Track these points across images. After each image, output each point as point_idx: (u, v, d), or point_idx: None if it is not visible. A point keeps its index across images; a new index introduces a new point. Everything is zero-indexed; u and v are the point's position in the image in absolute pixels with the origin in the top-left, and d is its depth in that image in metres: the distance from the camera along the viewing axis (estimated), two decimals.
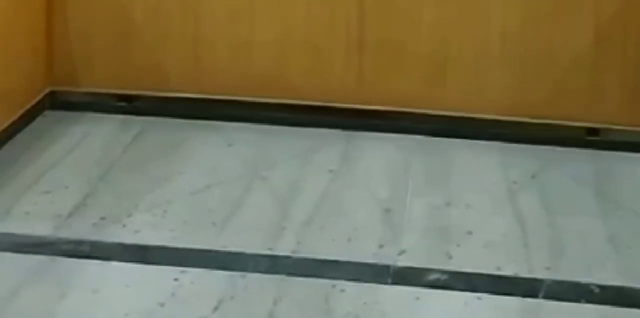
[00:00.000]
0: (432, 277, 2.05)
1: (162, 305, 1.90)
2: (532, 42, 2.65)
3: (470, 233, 2.24)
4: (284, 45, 2.74)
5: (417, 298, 1.98)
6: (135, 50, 2.80)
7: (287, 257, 2.09)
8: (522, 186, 2.50)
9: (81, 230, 2.17)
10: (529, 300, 1.99)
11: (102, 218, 2.22)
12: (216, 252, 2.11)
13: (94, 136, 2.71)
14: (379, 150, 2.66)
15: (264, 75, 2.77)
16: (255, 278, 2.01)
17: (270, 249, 2.12)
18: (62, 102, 2.86)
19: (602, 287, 2.03)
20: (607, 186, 2.51)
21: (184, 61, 2.80)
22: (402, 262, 2.10)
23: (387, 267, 2.08)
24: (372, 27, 2.69)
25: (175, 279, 1.99)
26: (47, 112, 2.84)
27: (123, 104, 2.86)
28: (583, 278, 2.05)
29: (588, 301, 1.99)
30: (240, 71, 2.78)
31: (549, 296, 2.01)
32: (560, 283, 2.04)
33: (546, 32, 2.64)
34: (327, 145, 2.67)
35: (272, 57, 2.75)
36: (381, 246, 2.16)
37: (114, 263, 2.05)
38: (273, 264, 2.07)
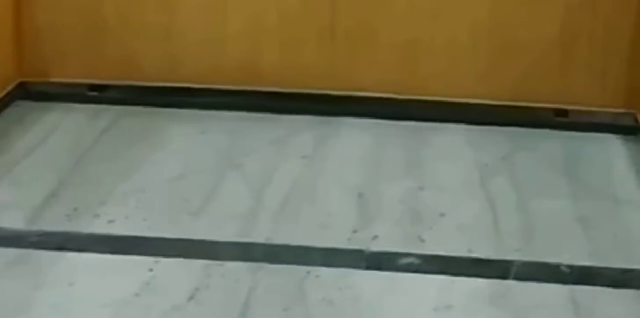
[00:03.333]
0: (406, 261, 2.07)
1: (137, 295, 1.91)
2: (501, 27, 2.67)
3: (442, 216, 2.27)
4: (257, 33, 2.74)
5: (391, 283, 2.00)
6: (106, 39, 2.79)
7: (262, 245, 2.11)
8: (493, 168, 2.52)
9: (54, 221, 2.16)
10: (500, 281, 2.02)
11: (75, 209, 2.22)
12: (190, 241, 2.11)
13: (66, 126, 2.70)
14: (352, 136, 2.67)
15: (236, 63, 2.76)
16: (229, 267, 2.02)
17: (244, 237, 2.14)
18: (32, 92, 2.85)
19: (572, 267, 2.06)
20: (576, 167, 2.54)
21: (156, 50, 2.79)
22: (376, 246, 2.12)
23: (361, 252, 2.10)
24: (344, 14, 2.69)
25: (150, 269, 2.00)
26: (18, 103, 2.82)
27: (94, 93, 2.85)
28: (553, 259, 2.08)
29: (558, 281, 2.02)
30: (213, 59, 2.77)
31: (520, 277, 2.04)
32: (531, 264, 2.07)
33: (515, 16, 2.65)
34: (300, 131, 2.68)
35: (244, 45, 2.75)
36: (355, 231, 2.18)
37: (88, 255, 2.05)
38: (247, 252, 2.08)
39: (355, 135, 2.67)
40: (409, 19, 2.68)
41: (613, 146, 2.67)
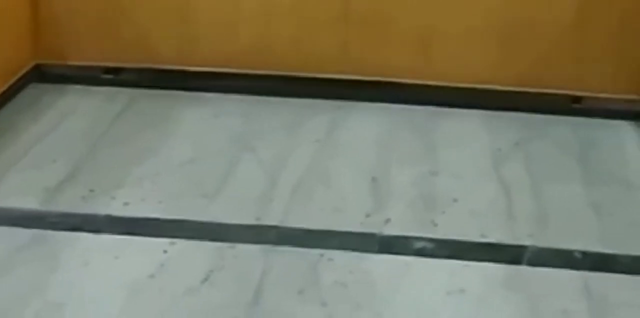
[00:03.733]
0: (418, 245, 2.08)
1: (151, 276, 1.93)
2: (516, 14, 2.65)
3: (455, 201, 2.27)
4: (270, 17, 2.74)
5: (404, 267, 2.01)
6: (121, 23, 2.79)
7: (275, 227, 2.12)
8: (507, 153, 2.52)
9: (70, 203, 2.18)
10: (513, 266, 2.03)
11: (91, 191, 2.24)
12: (205, 223, 2.13)
13: (81, 109, 2.71)
14: (366, 121, 2.67)
15: (250, 47, 2.76)
16: (243, 249, 2.04)
17: (258, 220, 2.15)
18: (48, 74, 2.86)
19: (585, 253, 2.07)
20: (590, 153, 2.54)
21: (171, 34, 2.79)
22: (389, 230, 2.13)
23: (374, 235, 2.11)
24: (357, 1, 2.68)
25: (165, 251, 2.02)
26: (33, 85, 2.83)
27: (109, 76, 2.86)
28: (566, 245, 2.09)
29: (571, 267, 2.03)
30: (227, 43, 2.77)
31: (533, 263, 2.04)
32: (544, 250, 2.08)
33: (529, 4, 2.64)
34: (314, 115, 2.68)
35: (258, 29, 2.75)
36: (368, 215, 2.19)
37: (104, 236, 2.07)
38: (261, 235, 2.09)
39: (368, 120, 2.67)
40: (424, 4, 2.67)
41: (626, 133, 2.66)
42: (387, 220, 2.17)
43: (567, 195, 2.32)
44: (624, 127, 2.70)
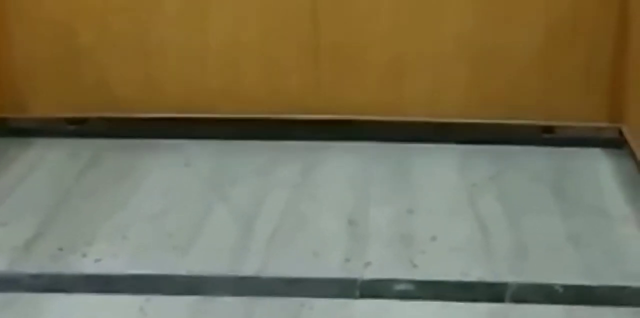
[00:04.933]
0: (400, 287, 2.05)
1: None
2: (485, 43, 2.66)
3: (434, 239, 2.25)
4: (236, 56, 2.71)
5: (387, 311, 1.97)
6: (83, 71, 2.75)
7: (254, 278, 2.08)
8: (482, 188, 2.51)
9: (40, 262, 2.12)
10: (496, 304, 2.00)
11: (60, 249, 2.18)
12: (180, 277, 2.08)
13: (47, 162, 2.66)
14: (339, 160, 2.65)
15: (217, 89, 2.74)
16: (222, 302, 1.99)
17: (235, 270, 2.10)
18: (10, 128, 2.80)
19: (566, 287, 2.05)
20: (565, 183, 2.54)
21: (134, 80, 2.75)
22: (369, 274, 2.09)
23: (354, 280, 2.07)
24: (326, 34, 2.67)
25: (141, 308, 1.96)
26: None
27: (74, 127, 2.81)
28: (547, 279, 2.07)
29: (553, 301, 2.00)
30: (193, 86, 2.74)
31: (516, 299, 2.02)
32: (525, 285, 2.05)
33: (498, 33, 2.65)
34: (287, 158, 2.65)
35: (224, 70, 2.72)
36: (347, 260, 2.15)
37: (77, 296, 2.01)
38: (239, 286, 2.05)
39: (342, 160, 2.65)
40: (392, 37, 2.67)
41: (599, 160, 2.66)
42: (367, 264, 2.13)
43: (544, 228, 2.30)
44: (595, 155, 2.70)
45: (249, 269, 2.11)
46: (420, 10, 2.66)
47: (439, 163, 2.65)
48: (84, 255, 2.15)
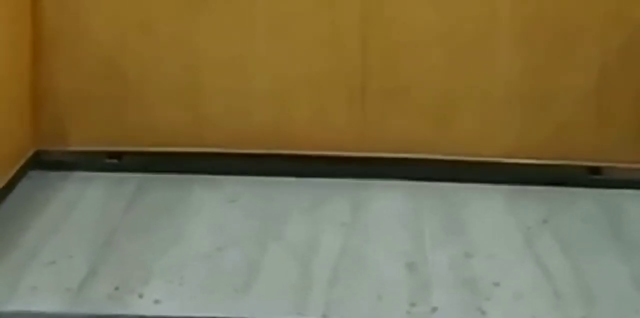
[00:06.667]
0: None
1: None
2: (534, 85, 2.64)
3: (497, 284, 2.19)
4: (284, 94, 2.67)
5: None
6: (126, 106, 2.69)
7: None
8: (537, 231, 2.47)
9: (97, 303, 2.04)
10: None
11: (116, 289, 2.10)
12: None
13: (89, 197, 2.58)
14: (389, 199, 2.60)
15: (264, 126, 2.68)
16: None
17: (299, 313, 2.03)
18: (48, 161, 2.73)
19: None
20: (619, 225, 2.50)
21: (179, 113, 2.69)
22: None
23: None
24: (374, 72, 2.64)
25: None
26: (33, 173, 2.70)
27: (114, 161, 2.74)
28: None
29: None
30: (239, 122, 2.69)
31: None
32: None
33: (549, 75, 2.63)
34: (336, 195, 2.60)
35: (271, 106, 2.67)
36: (412, 304, 2.09)
37: None
38: None
39: (392, 198, 2.60)
40: (442, 74, 2.64)
41: None
42: (434, 309, 2.07)
43: (607, 271, 2.26)
44: None
45: (313, 312, 2.04)
46: (470, 51, 2.64)
47: (488, 204, 2.61)
48: (141, 296, 2.07)
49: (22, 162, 2.66)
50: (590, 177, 2.73)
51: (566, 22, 2.60)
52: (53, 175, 2.70)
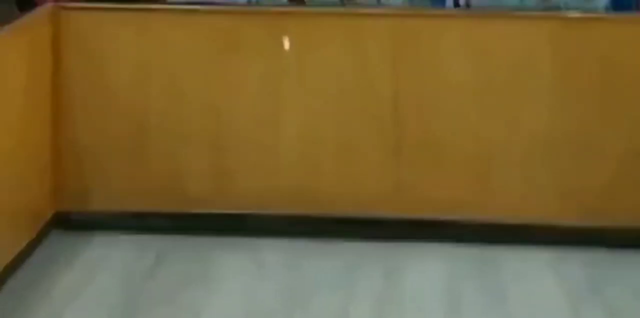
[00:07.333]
0: None
1: None
2: (575, 143, 2.51)
3: None
4: (314, 151, 2.56)
5: None
6: (149, 164, 2.60)
7: None
8: (583, 297, 2.31)
9: None
10: None
11: None
12: None
13: (110, 261, 2.48)
14: (424, 264, 2.46)
15: (292, 185, 2.57)
16: None
17: None
18: (70, 222, 2.63)
19: None
20: None
21: (203, 172, 2.59)
22: None
23: None
24: (407, 129, 2.53)
25: None
26: (55, 234, 2.61)
27: (137, 222, 2.64)
28: None
29: None
30: (266, 182, 2.58)
31: None
32: None
33: (593, 132, 2.50)
34: (367, 261, 2.47)
35: (300, 165, 2.56)
36: None
37: None
38: None
39: (427, 263, 2.46)
40: (479, 134, 2.52)
41: None
42: None
43: None
44: None
45: None
46: (506, 108, 2.53)
47: (530, 269, 2.46)
48: None
49: (42, 223, 2.57)
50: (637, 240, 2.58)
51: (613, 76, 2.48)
52: (75, 236, 2.60)
